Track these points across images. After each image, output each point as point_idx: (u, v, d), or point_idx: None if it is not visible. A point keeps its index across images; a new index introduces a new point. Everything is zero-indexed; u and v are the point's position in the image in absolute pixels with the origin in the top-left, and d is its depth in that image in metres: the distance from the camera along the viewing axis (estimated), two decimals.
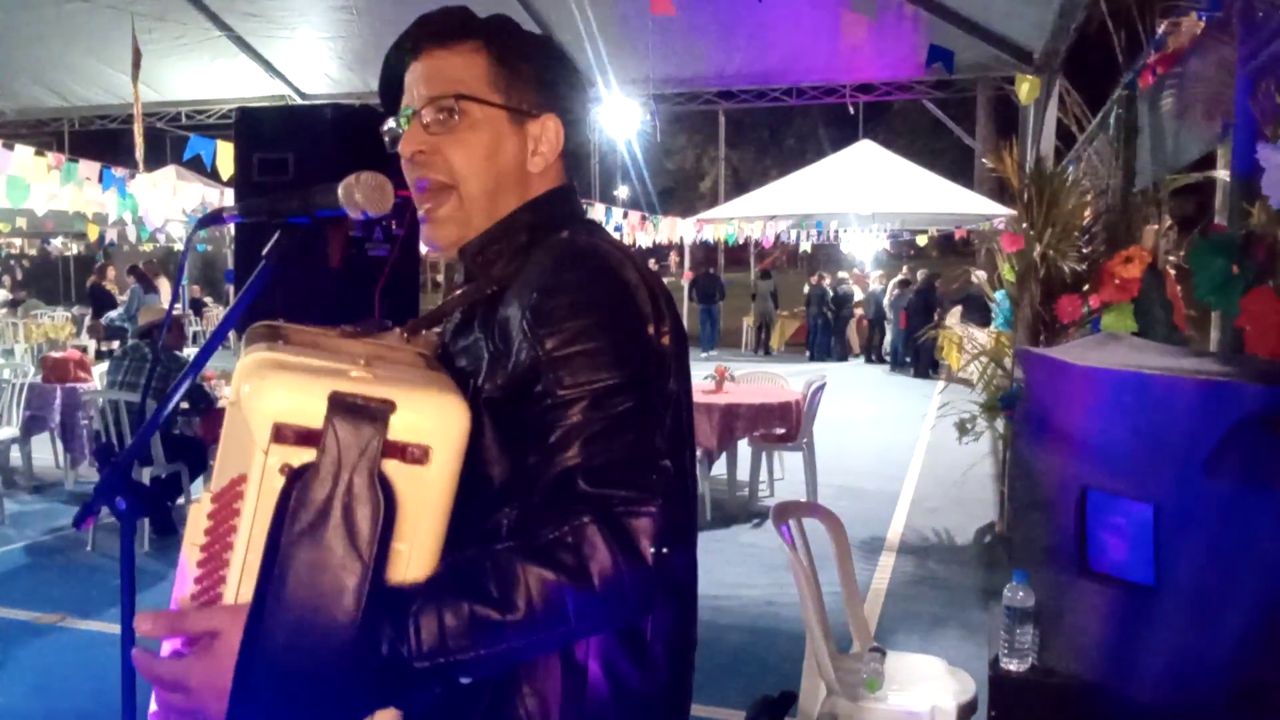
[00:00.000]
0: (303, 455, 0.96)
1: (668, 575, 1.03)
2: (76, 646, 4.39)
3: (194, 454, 6.08)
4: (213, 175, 8.70)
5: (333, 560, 0.94)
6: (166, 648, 1.02)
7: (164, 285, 15.11)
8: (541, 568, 0.97)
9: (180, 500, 6.18)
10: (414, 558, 0.99)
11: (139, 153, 8.13)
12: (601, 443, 1.03)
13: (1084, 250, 5.28)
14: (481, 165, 1.23)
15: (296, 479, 0.95)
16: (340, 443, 0.96)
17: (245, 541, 0.98)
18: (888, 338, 17.45)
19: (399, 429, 0.97)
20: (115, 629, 1.32)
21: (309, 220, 1.21)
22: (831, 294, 18.12)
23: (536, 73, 1.27)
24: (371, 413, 0.96)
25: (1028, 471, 2.60)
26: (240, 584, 0.98)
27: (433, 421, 0.99)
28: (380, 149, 1.30)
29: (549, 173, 1.28)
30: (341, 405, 0.96)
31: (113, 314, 14.45)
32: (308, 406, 0.96)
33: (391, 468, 0.97)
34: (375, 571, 0.95)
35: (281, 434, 0.96)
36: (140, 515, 1.13)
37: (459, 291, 1.28)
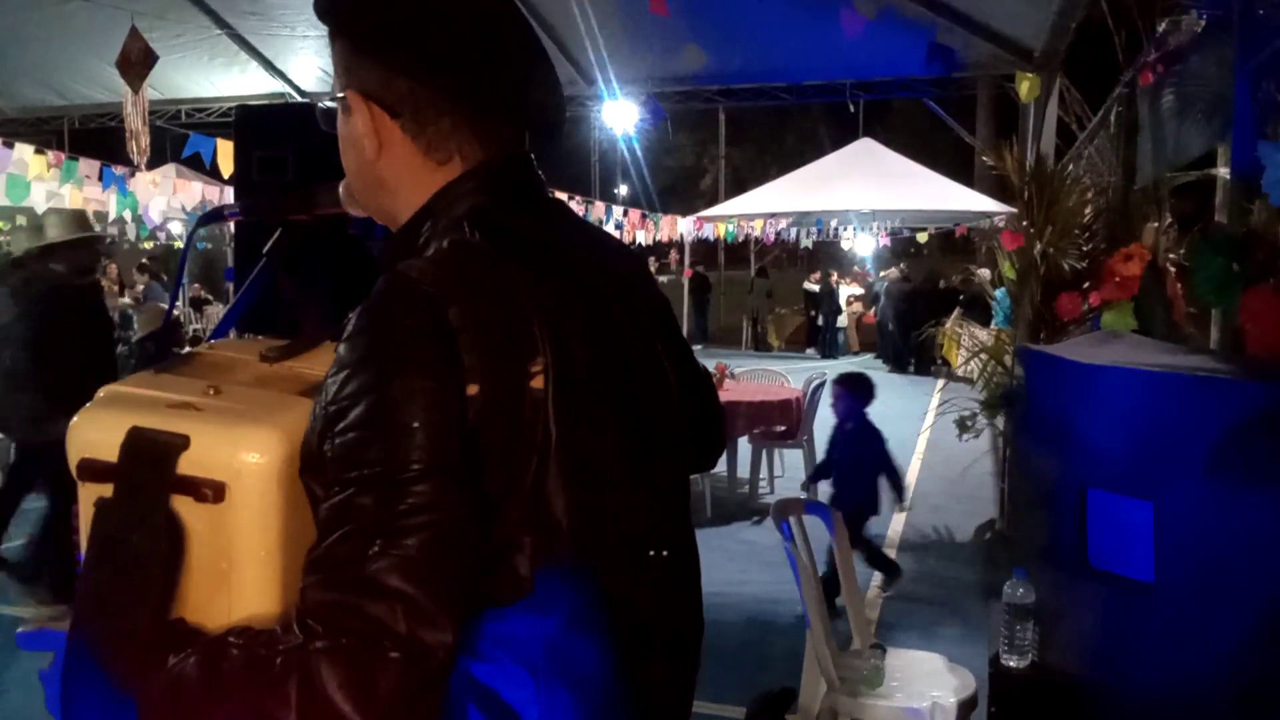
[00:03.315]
0: (105, 490, 0.97)
1: None
2: None
3: None
4: (212, 173, 8.70)
5: (118, 591, 0.95)
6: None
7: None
8: (253, 685, 0.86)
9: None
10: (238, 596, 0.97)
11: (136, 155, 8.06)
12: (334, 565, 0.86)
13: (1084, 248, 5.28)
14: (345, 166, 1.12)
15: (101, 511, 0.97)
16: (132, 478, 0.96)
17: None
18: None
19: (191, 465, 0.95)
20: None
21: (310, 218, 1.21)
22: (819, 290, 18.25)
23: (359, 42, 1.04)
24: (160, 448, 0.95)
25: (1028, 469, 2.60)
26: None
27: (226, 458, 0.95)
28: None
29: (442, 163, 1.05)
30: (136, 441, 0.96)
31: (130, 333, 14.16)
32: (109, 441, 0.96)
33: (183, 505, 0.95)
34: (158, 606, 0.95)
35: (84, 470, 0.99)
36: None
37: None
